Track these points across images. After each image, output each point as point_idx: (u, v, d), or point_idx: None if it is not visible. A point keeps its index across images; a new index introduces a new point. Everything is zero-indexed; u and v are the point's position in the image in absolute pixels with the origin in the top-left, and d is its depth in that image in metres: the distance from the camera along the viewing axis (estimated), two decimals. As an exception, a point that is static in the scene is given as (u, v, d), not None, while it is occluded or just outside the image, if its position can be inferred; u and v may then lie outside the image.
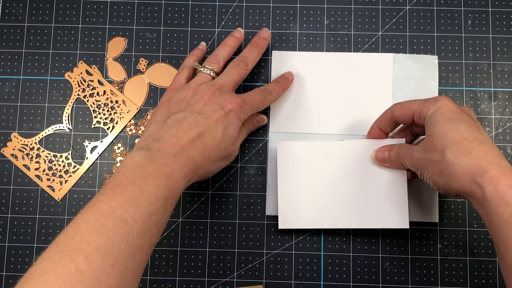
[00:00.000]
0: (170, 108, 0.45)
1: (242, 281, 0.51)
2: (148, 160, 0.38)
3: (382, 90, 0.52)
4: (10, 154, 0.53)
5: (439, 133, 0.39)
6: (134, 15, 0.55)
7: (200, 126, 0.42)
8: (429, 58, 0.53)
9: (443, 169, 0.38)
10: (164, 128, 0.42)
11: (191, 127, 0.42)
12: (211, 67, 0.48)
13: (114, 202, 0.35)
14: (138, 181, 0.37)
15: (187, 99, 0.45)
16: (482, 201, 0.36)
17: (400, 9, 0.54)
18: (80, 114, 0.53)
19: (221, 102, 0.44)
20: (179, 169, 0.39)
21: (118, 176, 0.37)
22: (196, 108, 0.44)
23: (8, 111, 0.53)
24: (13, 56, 0.54)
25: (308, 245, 0.51)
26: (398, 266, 0.50)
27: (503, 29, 0.53)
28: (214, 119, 0.43)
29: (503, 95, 0.52)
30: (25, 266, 0.51)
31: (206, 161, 0.42)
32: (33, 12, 0.55)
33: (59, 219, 0.52)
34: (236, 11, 0.54)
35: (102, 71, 0.54)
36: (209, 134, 0.42)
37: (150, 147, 0.40)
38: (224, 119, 0.43)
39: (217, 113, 0.43)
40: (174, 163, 0.39)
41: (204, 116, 0.43)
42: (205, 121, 0.42)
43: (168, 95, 0.46)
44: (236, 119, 0.44)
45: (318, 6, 0.54)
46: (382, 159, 0.47)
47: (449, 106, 0.41)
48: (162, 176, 0.38)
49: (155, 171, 0.38)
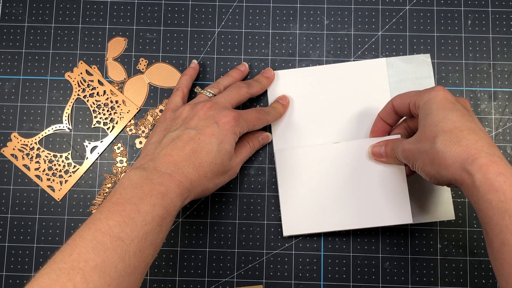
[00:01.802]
0: (167, 127, 0.45)
1: (242, 281, 0.51)
2: (144, 179, 0.39)
3: (380, 95, 0.52)
4: (10, 154, 0.53)
5: (431, 123, 0.40)
6: (134, 15, 0.55)
7: (194, 142, 0.42)
8: (421, 57, 0.53)
9: (433, 158, 0.39)
10: (159, 147, 0.43)
11: (185, 144, 0.42)
12: (211, 91, 0.48)
13: (111, 220, 0.36)
14: (134, 200, 0.37)
15: (183, 116, 0.45)
16: (471, 188, 0.36)
17: (400, 9, 0.54)
18: (80, 114, 0.53)
19: (215, 116, 0.44)
20: (174, 188, 0.39)
21: (115, 195, 0.38)
22: (191, 124, 0.43)
23: (8, 111, 0.53)
24: (13, 56, 0.54)
25: (308, 245, 0.51)
26: (398, 266, 0.50)
27: (503, 29, 0.53)
28: (208, 134, 0.42)
29: (503, 95, 0.52)
30: (25, 266, 0.51)
31: (202, 178, 0.42)
32: (33, 12, 0.55)
33: (59, 219, 0.52)
34: (236, 11, 0.54)
35: (102, 71, 0.54)
36: (203, 150, 0.42)
37: (145, 166, 0.40)
38: (218, 133, 0.43)
39: (211, 127, 0.43)
40: (169, 182, 0.39)
41: (198, 131, 0.43)
42: (199, 137, 0.42)
43: (164, 115, 0.47)
44: (231, 133, 0.44)
45: (318, 6, 0.54)
46: (378, 154, 0.47)
47: (443, 95, 0.41)
48: (158, 195, 0.38)
49: (150, 190, 0.38)
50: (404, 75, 0.52)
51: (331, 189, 0.48)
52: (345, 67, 0.53)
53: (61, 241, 0.51)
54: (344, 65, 0.53)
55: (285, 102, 0.51)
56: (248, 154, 0.49)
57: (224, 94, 0.47)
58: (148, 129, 0.53)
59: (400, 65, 0.53)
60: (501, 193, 0.35)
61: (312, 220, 0.48)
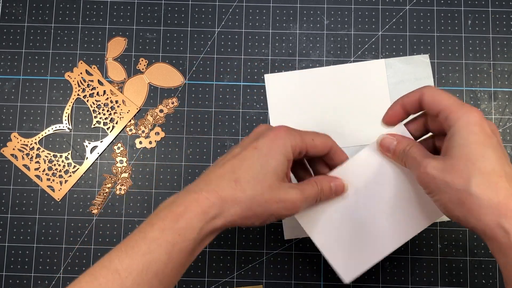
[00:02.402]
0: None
1: (242, 281, 0.50)
2: (167, 204, 0.35)
3: (379, 97, 0.52)
4: (10, 154, 0.53)
5: (467, 158, 0.34)
6: (134, 15, 0.55)
7: (236, 158, 0.36)
8: (420, 58, 0.53)
9: (464, 200, 0.33)
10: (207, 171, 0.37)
11: (226, 161, 0.36)
12: None
13: (114, 251, 0.33)
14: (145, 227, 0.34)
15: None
16: (505, 248, 0.32)
17: (400, 9, 0.54)
18: (80, 114, 0.53)
19: (264, 132, 0.37)
20: (194, 207, 0.34)
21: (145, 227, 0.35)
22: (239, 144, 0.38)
23: (8, 111, 0.53)
24: (13, 56, 0.54)
25: (308, 245, 0.51)
26: (398, 266, 0.50)
27: (503, 29, 0.53)
28: (251, 148, 0.36)
29: (503, 95, 0.52)
30: (25, 266, 0.51)
31: (240, 195, 0.35)
32: (33, 12, 0.55)
33: (59, 219, 0.52)
34: (236, 11, 0.54)
35: (102, 71, 0.54)
36: (243, 165, 0.35)
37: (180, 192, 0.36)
38: (263, 147, 0.36)
39: (255, 141, 0.36)
40: (190, 200, 0.34)
41: (241, 146, 0.37)
42: (241, 152, 0.36)
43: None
44: (280, 146, 0.36)
45: (318, 6, 0.54)
46: (386, 147, 0.40)
47: (481, 125, 0.35)
48: (172, 218, 0.33)
49: (166, 214, 0.34)
50: (403, 76, 0.52)
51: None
52: (344, 69, 0.53)
53: (61, 241, 0.51)
54: (343, 66, 0.53)
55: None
56: (314, 194, 0.39)
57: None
58: (148, 129, 0.53)
59: (399, 66, 0.53)
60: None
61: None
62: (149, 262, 0.32)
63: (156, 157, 0.53)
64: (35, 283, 0.51)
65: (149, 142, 0.53)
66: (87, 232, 0.51)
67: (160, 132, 0.53)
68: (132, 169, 0.52)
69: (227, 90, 0.53)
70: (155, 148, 0.53)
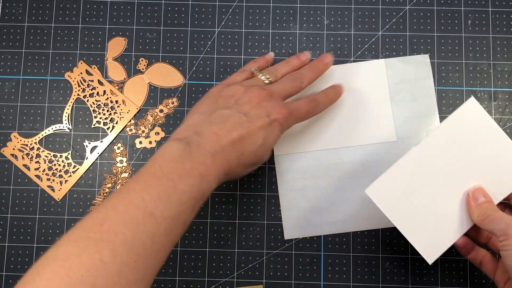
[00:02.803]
0: (218, 101, 0.43)
1: (242, 281, 0.51)
2: (187, 155, 0.38)
3: (379, 96, 0.52)
4: (10, 154, 0.53)
5: None
6: (134, 15, 0.55)
7: (243, 129, 0.41)
8: (420, 58, 0.53)
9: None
10: (207, 122, 0.41)
11: (234, 127, 0.41)
12: (268, 76, 0.46)
13: (146, 194, 0.35)
14: (173, 176, 0.36)
15: (236, 96, 0.43)
16: None
17: (400, 9, 0.54)
18: (80, 114, 0.53)
19: (268, 109, 0.43)
20: (213, 170, 0.39)
21: (154, 166, 0.37)
22: (243, 109, 0.42)
23: (8, 111, 0.53)
24: (13, 56, 0.54)
25: (308, 245, 0.51)
26: (398, 266, 0.50)
27: (503, 29, 0.53)
28: (258, 126, 0.41)
29: (503, 95, 0.52)
30: (25, 266, 0.51)
31: (240, 166, 0.42)
32: (33, 12, 0.55)
33: (59, 219, 0.52)
34: (236, 11, 0.54)
35: (102, 71, 0.54)
36: (249, 139, 0.41)
37: (190, 140, 0.39)
38: (267, 127, 0.42)
39: (262, 119, 0.42)
40: (211, 163, 0.39)
41: (249, 120, 0.41)
42: (248, 125, 0.41)
43: (218, 88, 0.45)
44: (279, 130, 0.43)
45: (318, 6, 0.54)
46: (475, 197, 0.42)
47: None
48: (197, 176, 0.37)
49: (191, 168, 0.37)
50: (403, 76, 0.52)
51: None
52: (344, 69, 0.53)
53: (61, 241, 0.51)
54: (342, 66, 0.53)
55: (339, 90, 0.50)
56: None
57: (279, 84, 0.45)
58: (148, 129, 0.53)
59: (399, 66, 0.53)
60: None
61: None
62: (179, 212, 0.36)
63: (156, 157, 0.53)
64: (35, 283, 0.51)
65: (149, 142, 0.53)
66: (87, 232, 0.51)
67: (160, 132, 0.53)
68: (132, 169, 0.52)
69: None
70: (155, 148, 0.53)
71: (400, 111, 0.52)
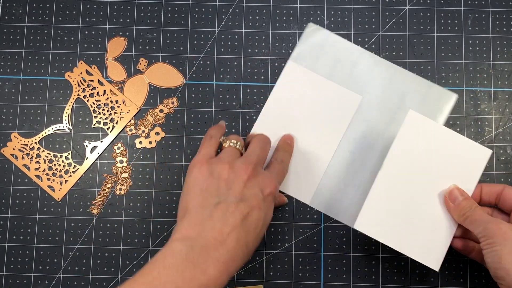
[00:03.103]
0: (208, 189, 0.41)
1: (242, 281, 0.50)
2: (189, 262, 0.36)
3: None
4: (10, 154, 0.53)
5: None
6: (134, 15, 0.55)
7: (246, 220, 0.40)
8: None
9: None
10: (208, 219, 0.39)
11: (236, 221, 0.39)
12: (235, 141, 0.46)
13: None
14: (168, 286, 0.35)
15: (224, 177, 0.41)
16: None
17: (400, 9, 0.54)
18: (80, 114, 0.53)
19: (260, 184, 0.42)
20: (216, 278, 0.37)
21: (153, 273, 0.36)
22: (237, 192, 0.41)
23: (8, 111, 0.53)
24: (13, 56, 0.54)
25: (308, 245, 0.51)
26: (398, 266, 0.50)
27: (503, 29, 0.53)
28: (256, 207, 0.40)
29: (503, 95, 0.52)
30: (25, 266, 0.51)
31: (245, 259, 0.40)
32: (33, 12, 0.55)
33: (59, 219, 0.52)
34: (236, 11, 0.54)
35: (102, 71, 0.54)
36: (251, 226, 0.40)
37: (194, 244, 0.37)
38: (263, 205, 0.41)
39: (257, 198, 0.41)
40: (214, 270, 0.37)
41: (247, 204, 0.40)
42: (247, 211, 0.40)
43: (200, 170, 0.42)
44: (271, 203, 0.43)
45: (318, 6, 0.54)
46: (453, 198, 0.44)
47: None
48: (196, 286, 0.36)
49: (191, 279, 0.35)
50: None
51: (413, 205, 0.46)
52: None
53: (61, 241, 0.51)
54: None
55: (291, 142, 0.51)
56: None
57: (256, 152, 0.45)
58: (148, 129, 0.53)
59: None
60: None
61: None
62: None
63: (156, 157, 0.53)
64: (35, 283, 0.51)
65: (149, 142, 0.53)
66: (87, 232, 0.51)
67: (160, 132, 0.53)
68: (132, 169, 0.52)
69: (227, 90, 0.53)
70: (155, 148, 0.53)
71: None
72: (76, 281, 0.51)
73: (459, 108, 0.52)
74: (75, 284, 0.51)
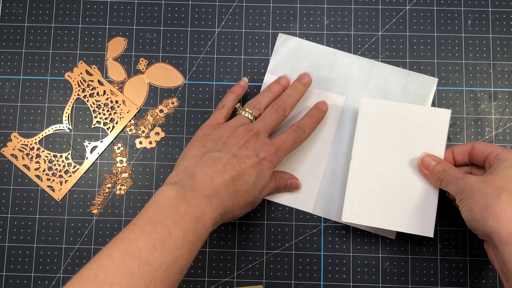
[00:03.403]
0: (206, 144, 0.44)
1: (242, 281, 0.51)
2: (181, 199, 0.38)
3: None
4: (10, 154, 0.53)
5: (505, 176, 0.40)
6: (134, 15, 0.55)
7: (235, 169, 0.42)
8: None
9: (489, 205, 0.39)
10: (199, 165, 0.42)
11: (225, 169, 0.42)
12: (251, 111, 0.47)
13: (141, 242, 0.35)
14: (167, 222, 0.37)
15: (223, 139, 0.44)
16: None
17: (400, 9, 0.54)
18: (80, 114, 0.53)
19: (256, 148, 0.44)
20: (209, 213, 0.39)
21: (148, 212, 0.37)
22: (231, 150, 0.43)
23: (8, 111, 0.53)
24: (13, 56, 0.54)
25: (308, 245, 0.51)
26: (398, 266, 0.50)
27: (503, 29, 0.53)
28: (248, 165, 0.43)
29: (503, 95, 0.52)
30: (25, 266, 0.51)
31: (234, 206, 0.42)
32: (33, 12, 0.55)
33: (59, 219, 0.52)
34: (236, 11, 0.54)
35: (102, 71, 0.54)
36: (242, 179, 0.42)
37: (184, 183, 0.40)
38: (257, 166, 0.43)
39: (251, 159, 0.43)
40: (206, 205, 0.39)
41: (239, 160, 0.43)
42: (239, 166, 0.42)
43: (204, 131, 0.46)
44: (269, 168, 0.44)
45: (318, 6, 0.54)
46: (426, 165, 0.46)
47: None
48: (192, 219, 0.38)
49: (186, 212, 0.38)
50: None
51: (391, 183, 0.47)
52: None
53: (61, 241, 0.51)
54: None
55: (324, 107, 0.50)
56: (272, 190, 0.49)
57: (264, 119, 0.46)
58: (148, 129, 0.53)
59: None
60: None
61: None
62: (176, 258, 0.36)
63: (156, 157, 0.53)
64: (35, 283, 0.51)
65: (149, 142, 0.53)
66: (87, 232, 0.52)
67: (160, 132, 0.53)
68: (132, 169, 0.52)
69: (227, 90, 0.53)
70: (155, 148, 0.53)
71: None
72: (76, 281, 0.51)
73: (459, 108, 0.52)
74: (75, 284, 0.51)
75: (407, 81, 0.52)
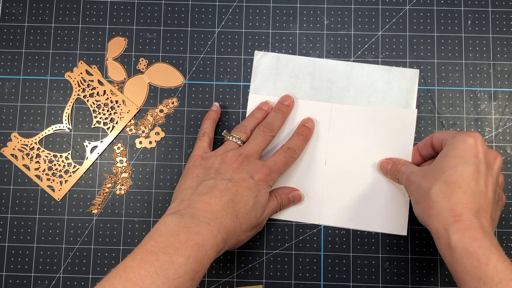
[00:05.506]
0: (199, 175, 0.45)
1: (242, 281, 0.51)
2: (181, 227, 0.39)
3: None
4: (10, 154, 0.53)
5: (440, 167, 0.40)
6: (134, 15, 0.55)
7: (232, 192, 0.42)
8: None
9: (423, 200, 0.40)
10: (195, 194, 0.42)
11: (222, 193, 0.42)
12: (238, 136, 0.48)
13: (143, 270, 0.35)
14: (169, 250, 0.37)
15: (215, 166, 0.45)
16: (447, 248, 0.37)
17: (400, 9, 0.54)
18: (80, 114, 0.53)
19: (249, 170, 0.44)
20: (211, 239, 0.39)
21: (150, 242, 0.37)
22: (226, 176, 0.43)
23: (8, 111, 0.53)
24: (13, 56, 0.54)
25: (308, 245, 0.51)
26: (398, 266, 0.50)
27: (503, 29, 0.53)
28: (244, 187, 0.43)
29: (503, 95, 0.52)
30: (25, 266, 0.51)
31: (237, 229, 0.42)
32: (33, 12, 0.55)
33: (59, 219, 0.52)
34: (236, 11, 0.54)
35: (102, 71, 0.54)
36: (240, 202, 0.42)
37: (183, 213, 0.40)
38: (254, 187, 0.44)
39: (247, 181, 0.43)
40: (207, 232, 0.39)
41: (235, 184, 0.43)
42: (236, 188, 0.43)
43: (193, 162, 0.46)
44: (265, 187, 0.45)
45: (318, 6, 0.54)
46: (384, 169, 0.49)
47: (472, 144, 0.40)
48: (194, 246, 0.38)
49: (187, 240, 0.38)
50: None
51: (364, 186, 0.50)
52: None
53: (61, 241, 0.51)
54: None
55: (310, 124, 0.50)
56: (276, 209, 0.49)
57: (252, 143, 0.47)
58: (148, 129, 0.53)
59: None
60: (475, 258, 0.35)
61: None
62: (177, 285, 0.36)
63: (156, 157, 0.53)
64: (35, 283, 0.51)
65: (149, 142, 0.53)
66: (87, 232, 0.52)
67: (160, 132, 0.53)
68: (132, 169, 0.52)
69: (227, 90, 0.53)
70: (155, 148, 0.53)
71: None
72: (76, 281, 0.51)
73: (459, 108, 0.52)
74: (75, 284, 0.51)
75: (389, 77, 0.52)
